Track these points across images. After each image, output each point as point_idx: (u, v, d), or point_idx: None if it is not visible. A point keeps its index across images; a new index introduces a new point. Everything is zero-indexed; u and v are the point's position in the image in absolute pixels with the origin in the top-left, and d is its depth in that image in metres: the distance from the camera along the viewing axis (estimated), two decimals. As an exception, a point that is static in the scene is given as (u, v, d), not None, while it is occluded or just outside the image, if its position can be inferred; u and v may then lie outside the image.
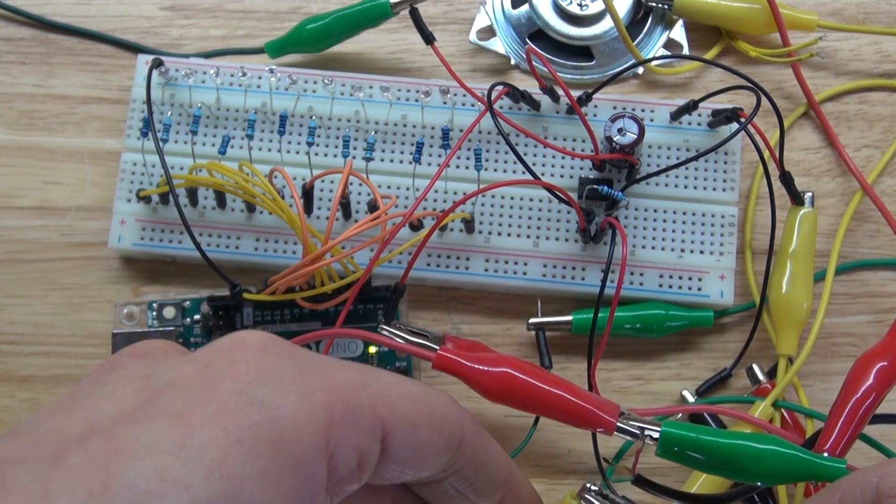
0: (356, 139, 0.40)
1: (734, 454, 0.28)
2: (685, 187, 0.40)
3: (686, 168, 0.40)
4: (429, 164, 0.40)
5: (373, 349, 0.38)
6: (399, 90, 0.40)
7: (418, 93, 0.40)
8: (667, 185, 0.40)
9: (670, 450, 0.29)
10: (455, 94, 0.40)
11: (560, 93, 0.40)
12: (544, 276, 0.39)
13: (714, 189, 0.40)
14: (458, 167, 0.40)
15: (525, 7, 0.43)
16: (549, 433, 0.38)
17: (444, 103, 0.40)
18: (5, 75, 0.43)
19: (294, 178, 0.39)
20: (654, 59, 0.42)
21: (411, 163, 0.39)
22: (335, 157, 0.40)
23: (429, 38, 0.39)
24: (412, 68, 0.43)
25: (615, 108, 0.40)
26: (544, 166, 0.40)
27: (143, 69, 0.40)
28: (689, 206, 0.39)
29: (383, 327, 0.35)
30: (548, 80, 0.40)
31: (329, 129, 0.40)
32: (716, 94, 0.39)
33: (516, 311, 0.40)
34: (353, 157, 0.39)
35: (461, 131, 0.40)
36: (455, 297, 0.40)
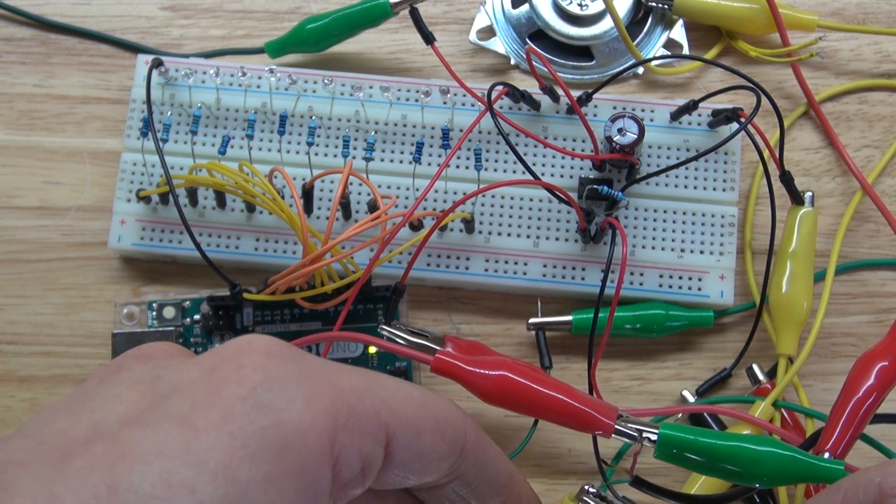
0: (356, 139, 0.40)
1: (732, 456, 0.28)
2: (685, 187, 0.40)
3: (686, 168, 0.40)
4: (429, 164, 0.40)
5: (373, 349, 0.38)
6: (399, 90, 0.40)
7: (418, 93, 0.40)
8: (667, 185, 0.40)
9: (668, 452, 0.29)
10: (455, 94, 0.40)
11: (560, 93, 0.40)
12: (544, 276, 0.39)
13: (714, 189, 0.40)
14: (458, 167, 0.40)
15: (525, 7, 0.43)
16: (550, 433, 0.38)
17: (444, 103, 0.40)
18: (5, 75, 0.43)
19: (294, 178, 0.39)
20: (654, 59, 0.42)
21: (411, 163, 0.39)
22: (335, 157, 0.40)
23: (429, 38, 0.39)
24: (412, 68, 0.43)
25: (615, 108, 0.40)
26: (544, 166, 0.40)
27: (143, 69, 0.40)
28: (689, 206, 0.39)
29: (383, 327, 0.35)
30: (548, 80, 0.40)
31: (329, 129, 0.40)
32: (716, 94, 0.39)
33: (516, 311, 0.40)
34: (353, 157, 0.39)
35: (461, 131, 0.40)
36: (455, 297, 0.40)
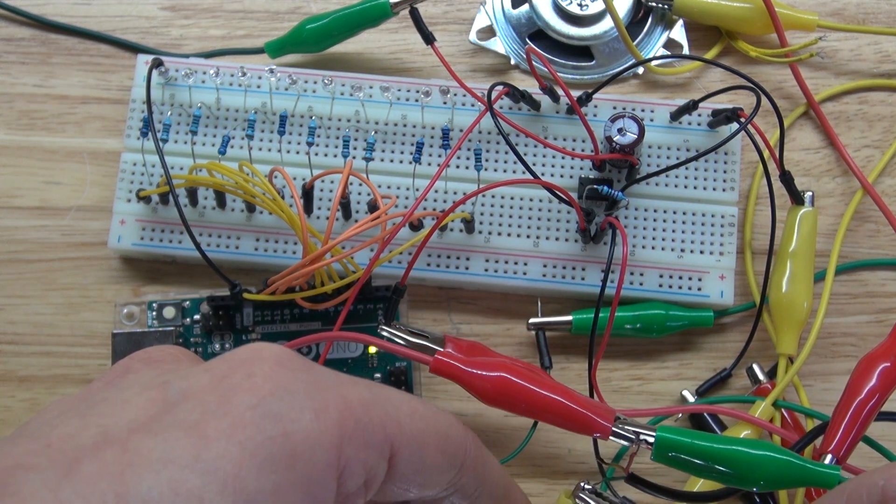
0: (356, 139, 0.40)
1: (728, 460, 0.28)
2: (685, 187, 0.40)
3: (686, 168, 0.40)
4: (429, 164, 0.40)
5: (373, 349, 0.38)
6: (399, 90, 0.40)
7: (418, 93, 0.40)
8: (667, 185, 0.40)
9: (665, 455, 0.29)
10: (455, 94, 0.40)
11: (560, 93, 0.40)
12: (544, 276, 0.39)
13: (714, 189, 0.40)
14: (458, 167, 0.40)
15: (525, 7, 0.43)
16: (550, 433, 0.38)
17: (444, 103, 0.40)
18: (5, 75, 0.43)
19: (294, 178, 0.39)
20: (654, 59, 0.42)
21: (411, 163, 0.39)
22: (335, 157, 0.40)
23: (429, 38, 0.39)
24: (412, 68, 0.43)
25: (615, 108, 0.40)
26: (544, 166, 0.40)
27: (143, 69, 0.40)
28: (689, 206, 0.39)
29: (383, 327, 0.35)
30: (548, 80, 0.40)
31: (329, 129, 0.40)
32: (716, 94, 0.39)
33: (516, 311, 0.40)
34: (353, 157, 0.39)
35: (461, 131, 0.40)
36: (455, 297, 0.40)
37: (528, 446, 0.37)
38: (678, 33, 0.43)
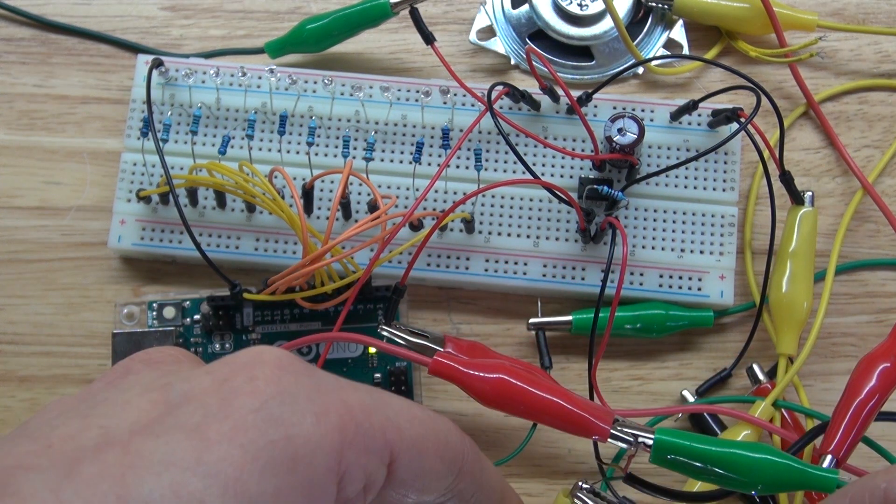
0: (356, 139, 0.40)
1: (727, 462, 0.28)
2: (685, 187, 0.40)
3: (686, 168, 0.40)
4: (429, 164, 0.40)
5: (373, 349, 0.38)
6: (399, 90, 0.40)
7: (418, 93, 0.40)
8: (667, 185, 0.40)
9: (663, 457, 0.29)
10: (455, 94, 0.40)
11: (560, 93, 0.40)
12: (544, 276, 0.39)
13: (714, 189, 0.40)
14: (458, 167, 0.40)
15: (525, 7, 0.43)
16: (550, 433, 0.38)
17: (444, 103, 0.40)
18: (5, 75, 0.43)
19: (294, 178, 0.39)
20: (654, 59, 0.42)
21: (411, 163, 0.39)
22: (335, 157, 0.40)
23: (429, 38, 0.39)
24: (412, 68, 0.43)
25: (615, 108, 0.40)
26: (544, 166, 0.40)
27: (143, 69, 0.40)
28: (689, 206, 0.39)
29: (383, 327, 0.35)
30: (548, 80, 0.40)
31: (329, 129, 0.40)
32: (716, 94, 0.39)
33: (516, 311, 0.40)
34: (353, 157, 0.39)
35: (461, 131, 0.40)
36: (455, 297, 0.40)
37: (528, 446, 0.37)
38: (678, 33, 0.43)
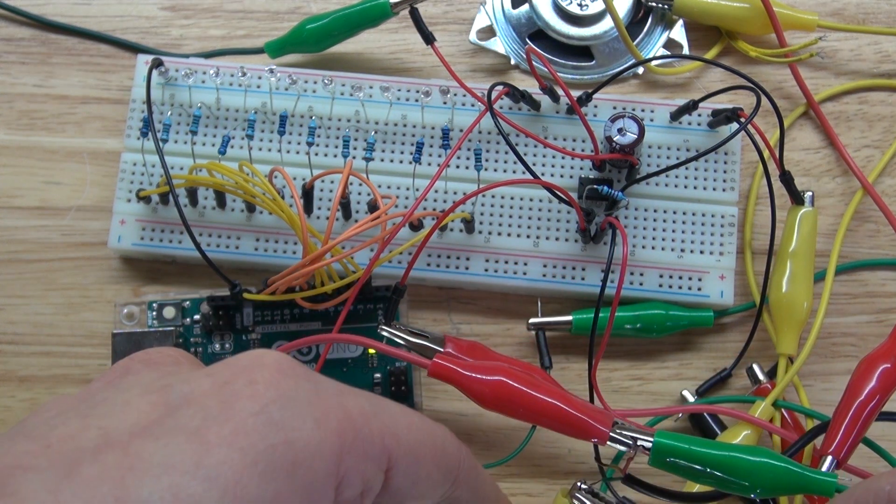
0: (356, 139, 0.40)
1: (726, 466, 0.28)
2: (685, 187, 0.40)
3: (686, 168, 0.40)
4: (429, 164, 0.40)
5: (373, 349, 0.38)
6: (399, 90, 0.40)
7: (418, 93, 0.40)
8: (667, 185, 0.40)
9: (662, 460, 0.29)
10: (455, 94, 0.40)
11: (560, 93, 0.40)
12: (544, 276, 0.39)
13: (714, 189, 0.40)
14: (458, 167, 0.40)
15: (525, 7, 0.43)
16: (549, 433, 0.38)
17: (444, 103, 0.40)
18: (5, 75, 0.43)
19: (294, 178, 0.39)
20: (654, 59, 0.42)
21: (411, 163, 0.39)
22: (335, 157, 0.40)
23: (429, 38, 0.39)
24: (412, 68, 0.43)
25: (615, 108, 0.40)
26: (544, 166, 0.40)
27: (143, 69, 0.40)
28: (689, 206, 0.39)
29: (383, 327, 0.35)
30: (548, 80, 0.40)
31: (329, 129, 0.40)
32: (716, 94, 0.39)
33: (516, 311, 0.40)
34: (353, 157, 0.39)
35: (461, 131, 0.40)
36: (455, 297, 0.40)
37: (527, 446, 0.37)
38: (678, 33, 0.43)
